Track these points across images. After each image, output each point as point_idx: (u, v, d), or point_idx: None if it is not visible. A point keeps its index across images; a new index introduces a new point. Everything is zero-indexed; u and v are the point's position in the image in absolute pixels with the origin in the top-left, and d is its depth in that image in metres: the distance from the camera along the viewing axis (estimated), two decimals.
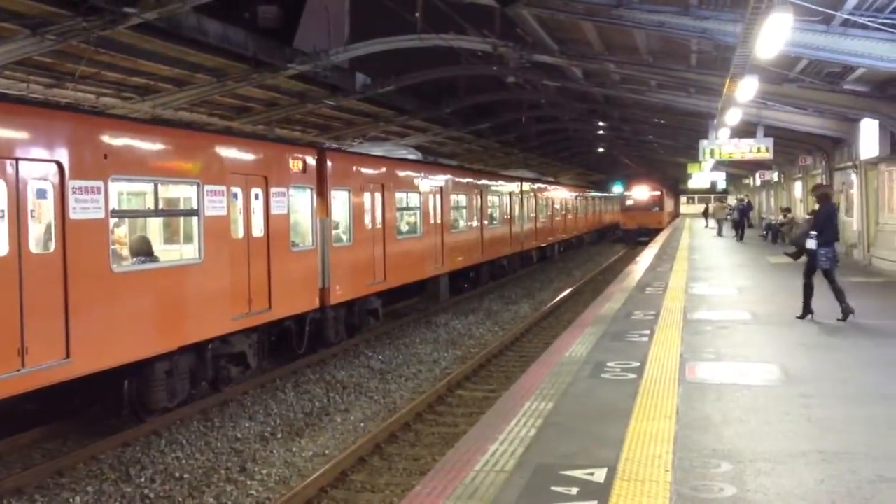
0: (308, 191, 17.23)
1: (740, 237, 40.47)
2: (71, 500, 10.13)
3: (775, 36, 12.20)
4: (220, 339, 14.14)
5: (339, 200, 18.75)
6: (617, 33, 20.11)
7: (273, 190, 15.61)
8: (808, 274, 14.39)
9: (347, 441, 12.44)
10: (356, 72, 25.26)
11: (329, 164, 17.84)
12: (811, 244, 14.15)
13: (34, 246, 10.48)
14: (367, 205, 19.95)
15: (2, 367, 9.80)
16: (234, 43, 18.42)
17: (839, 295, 14.18)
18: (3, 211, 10.08)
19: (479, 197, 29.76)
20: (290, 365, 16.83)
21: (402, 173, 22.66)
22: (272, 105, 25.84)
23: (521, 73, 26.60)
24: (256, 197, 15.19)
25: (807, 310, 14.39)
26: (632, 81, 26.61)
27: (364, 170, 20.16)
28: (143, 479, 10.80)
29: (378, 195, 20.51)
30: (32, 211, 10.49)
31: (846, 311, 14.10)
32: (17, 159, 10.16)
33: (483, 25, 22.74)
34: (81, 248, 11.01)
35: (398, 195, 22.00)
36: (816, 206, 14.89)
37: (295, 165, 16.65)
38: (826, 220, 14.36)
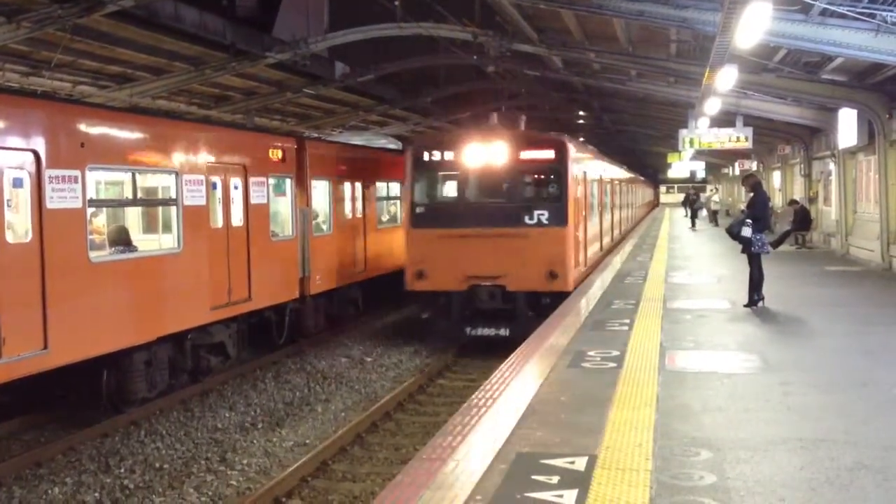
0: (288, 180, 17.16)
1: (717, 223, 40.75)
2: (49, 491, 10.06)
3: (754, 25, 12.22)
4: (200, 329, 14.07)
5: (319, 190, 18.73)
6: (597, 22, 20.09)
7: (252, 179, 15.53)
8: (755, 262, 14.56)
9: (328, 431, 12.42)
10: (335, 61, 25.11)
11: (308, 153, 17.78)
12: (747, 232, 14.36)
13: (10, 236, 10.38)
14: (348, 194, 19.94)
15: None
16: (211, 31, 18.25)
17: (758, 283, 14.49)
18: None
19: None
20: (271, 355, 16.77)
21: (382, 163, 22.61)
22: (251, 94, 25.65)
23: (501, 63, 26.50)
24: (235, 187, 15.12)
25: (757, 297, 14.49)
26: (612, 71, 26.59)
27: (344, 159, 20.13)
28: (122, 470, 10.75)
29: (358, 185, 20.46)
30: (9, 200, 10.39)
31: (756, 300, 14.43)
32: None
33: (463, 14, 22.66)
34: (58, 237, 10.91)
35: (379, 185, 22.02)
36: (751, 195, 15.11)
37: (274, 155, 16.59)
38: (762, 209, 14.87)
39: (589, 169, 21.56)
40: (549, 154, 17.67)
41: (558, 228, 17.18)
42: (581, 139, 31.70)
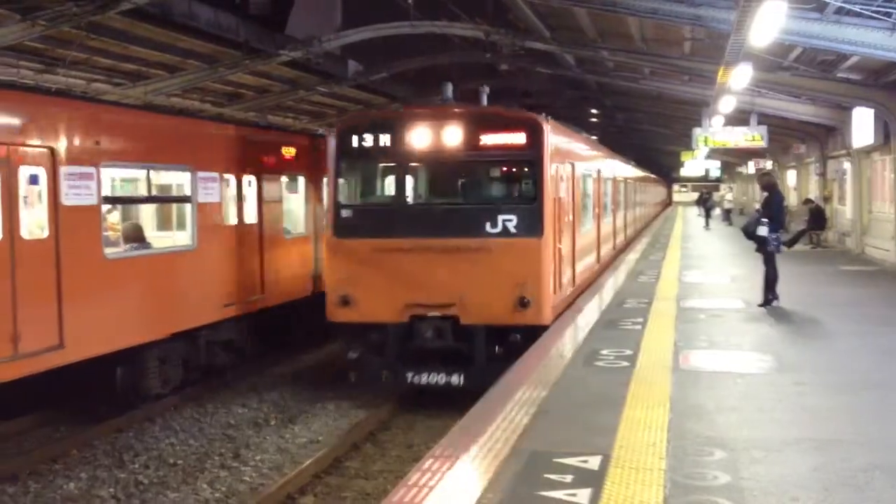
0: (301, 178, 17.18)
1: (731, 222, 40.69)
2: (65, 486, 10.12)
3: (769, 23, 12.19)
4: (213, 325, 14.12)
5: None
6: (610, 20, 20.08)
7: (265, 177, 15.56)
8: (769, 261, 14.53)
9: (341, 428, 12.44)
10: (348, 59, 25.15)
11: (322, 150, 17.78)
12: (763, 231, 14.33)
13: (26, 232, 10.44)
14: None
15: None
16: (225, 29, 18.31)
17: (774, 281, 14.46)
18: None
19: None
20: (284, 351, 16.80)
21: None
22: (264, 92, 25.72)
23: (514, 61, 26.52)
24: (249, 184, 15.15)
25: (772, 296, 14.45)
26: (625, 69, 26.56)
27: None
28: (136, 465, 10.80)
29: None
30: (25, 197, 10.44)
31: (770, 300, 14.39)
32: (8, 145, 10.09)
33: (475, 12, 22.66)
34: (74, 234, 10.96)
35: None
36: (765, 194, 15.09)
37: (288, 152, 16.61)
38: (777, 208, 14.84)
39: (580, 161, 17.02)
40: (518, 138, 13.10)
41: (531, 239, 12.79)
42: (586, 133, 24.35)
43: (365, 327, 12.99)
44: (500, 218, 12.84)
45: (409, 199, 14.24)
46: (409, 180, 14.34)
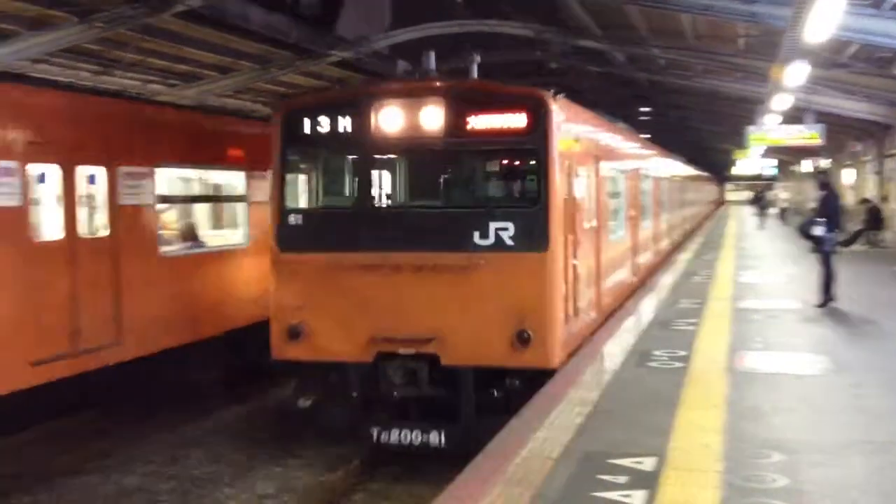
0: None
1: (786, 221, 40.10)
2: (120, 480, 10.27)
3: (826, 19, 11.97)
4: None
5: None
6: (662, 17, 19.89)
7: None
8: (826, 261, 14.30)
9: None
10: (397, 59, 25.23)
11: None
12: (818, 231, 14.12)
13: (85, 231, 10.63)
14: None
15: (55, 349, 9.96)
16: (277, 30, 18.47)
17: (831, 281, 14.22)
18: (57, 197, 10.25)
19: None
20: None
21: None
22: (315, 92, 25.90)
23: (564, 59, 26.41)
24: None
25: (828, 297, 14.23)
26: (677, 66, 26.30)
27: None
28: (191, 461, 10.92)
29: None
30: (84, 197, 10.64)
31: (827, 300, 14.15)
32: (67, 146, 10.28)
33: (525, 10, 22.61)
34: (131, 233, 11.14)
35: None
36: (822, 194, 14.86)
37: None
38: (834, 207, 14.58)
39: (608, 154, 14.15)
40: (516, 120, 9.98)
41: (533, 254, 9.77)
42: (626, 125, 20.00)
43: (320, 368, 10.21)
44: (493, 226, 9.81)
45: (376, 202, 11.24)
46: (376, 177, 11.37)
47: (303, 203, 11.06)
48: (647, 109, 43.00)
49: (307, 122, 10.44)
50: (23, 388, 9.64)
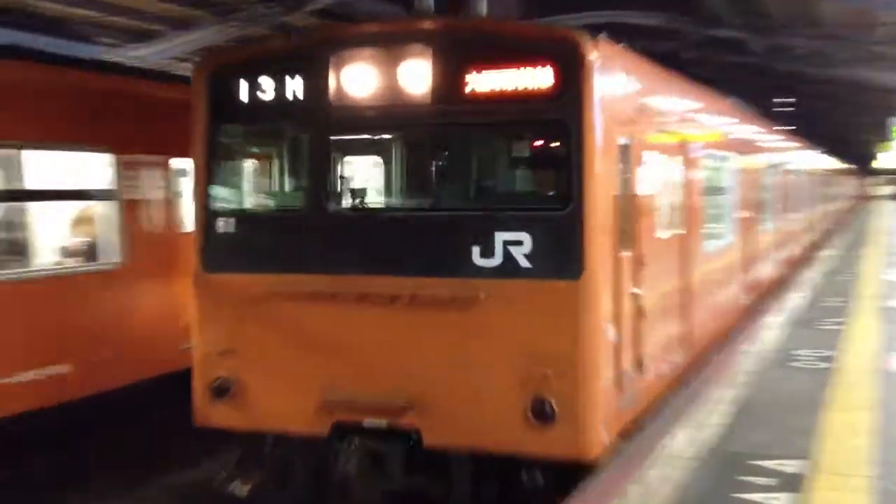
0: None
1: None
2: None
3: None
4: None
5: None
6: (799, 5, 19.24)
7: None
8: None
9: None
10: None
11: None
12: None
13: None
14: None
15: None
16: None
17: None
18: None
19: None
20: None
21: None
22: None
23: (697, 49, 25.79)
24: None
25: None
26: (816, 55, 25.37)
27: None
28: None
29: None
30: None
31: None
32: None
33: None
34: None
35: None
36: None
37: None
38: None
39: (701, 132, 10.40)
40: (536, 78, 6.37)
41: (562, 282, 6.30)
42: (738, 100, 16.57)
43: (257, 439, 7.27)
44: (501, 238, 6.46)
45: (334, 202, 7.32)
46: (337, 165, 7.73)
47: (236, 203, 7.73)
48: (785, 100, 41.70)
49: (242, 86, 7.23)
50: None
